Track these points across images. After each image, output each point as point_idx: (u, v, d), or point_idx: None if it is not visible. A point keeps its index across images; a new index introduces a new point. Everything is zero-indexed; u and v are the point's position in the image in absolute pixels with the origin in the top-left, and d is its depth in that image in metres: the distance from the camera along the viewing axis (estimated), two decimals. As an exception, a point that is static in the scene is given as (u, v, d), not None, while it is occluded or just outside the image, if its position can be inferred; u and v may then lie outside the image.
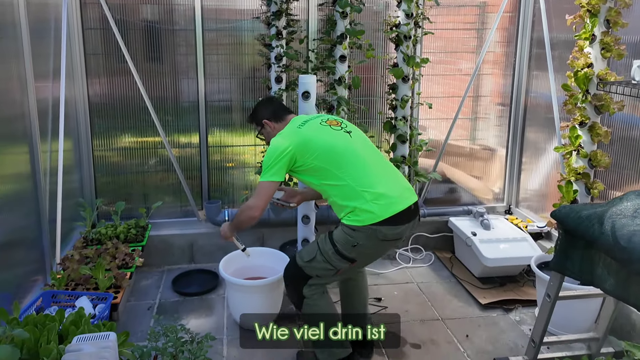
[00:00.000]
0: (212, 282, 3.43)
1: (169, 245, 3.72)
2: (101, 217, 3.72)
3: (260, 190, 2.37)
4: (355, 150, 2.37)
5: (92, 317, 2.48)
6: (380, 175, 2.35)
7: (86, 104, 3.56)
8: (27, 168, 2.84)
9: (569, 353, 2.55)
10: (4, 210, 2.55)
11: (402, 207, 2.29)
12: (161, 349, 2.18)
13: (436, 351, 2.75)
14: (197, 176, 3.87)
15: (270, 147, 2.40)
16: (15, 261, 2.68)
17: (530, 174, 4.03)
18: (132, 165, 3.76)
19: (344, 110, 3.48)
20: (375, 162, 2.41)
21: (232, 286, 2.81)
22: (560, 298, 2.31)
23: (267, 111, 2.63)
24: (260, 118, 2.64)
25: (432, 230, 4.02)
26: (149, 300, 3.24)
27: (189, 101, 3.72)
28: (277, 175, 2.34)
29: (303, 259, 2.39)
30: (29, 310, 2.49)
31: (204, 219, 3.84)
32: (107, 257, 3.06)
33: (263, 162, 2.39)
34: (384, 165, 2.46)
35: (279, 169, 2.34)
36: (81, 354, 1.63)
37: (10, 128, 2.67)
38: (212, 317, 3.05)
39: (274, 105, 2.69)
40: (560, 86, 3.08)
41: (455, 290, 3.43)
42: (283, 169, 2.35)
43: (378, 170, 2.38)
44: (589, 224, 1.93)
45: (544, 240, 3.72)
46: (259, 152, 3.83)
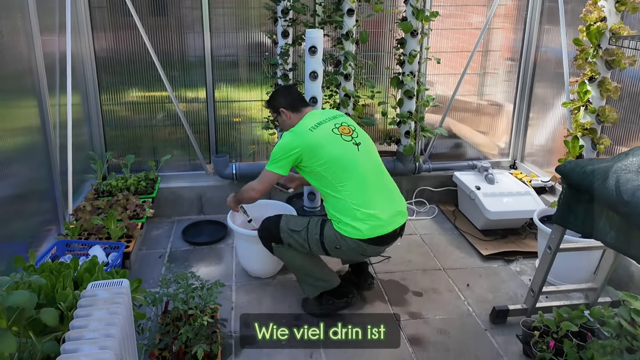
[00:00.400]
0: (221, 232, 3.52)
1: (179, 197, 3.79)
2: (111, 169, 3.79)
3: (263, 176, 2.53)
4: (359, 167, 2.43)
5: (105, 265, 2.57)
6: (376, 195, 2.44)
7: (93, 59, 3.56)
8: (37, 121, 2.88)
9: (567, 302, 2.63)
10: (16, 162, 2.60)
11: (388, 231, 2.42)
12: (172, 295, 2.27)
13: (437, 299, 2.84)
14: (204, 131, 3.89)
15: (281, 141, 2.50)
16: (29, 212, 2.76)
17: (536, 130, 4.02)
18: (141, 119, 3.79)
19: (350, 65, 3.45)
20: (375, 181, 2.48)
21: (239, 236, 2.89)
22: (561, 250, 2.37)
23: (286, 100, 2.64)
24: (277, 106, 2.65)
25: (437, 185, 4.06)
26: (160, 249, 3.33)
27: (195, 56, 3.71)
28: (281, 169, 2.47)
29: (288, 225, 2.52)
30: (44, 259, 2.58)
31: (212, 172, 3.89)
32: (118, 208, 3.13)
33: (272, 152, 2.50)
34: (383, 184, 2.53)
35: (285, 165, 2.46)
36: (96, 299, 1.70)
37: (19, 82, 2.69)
38: (221, 265, 3.15)
39: (292, 95, 2.69)
40: (572, 41, 3.04)
41: (457, 241, 3.50)
42: (288, 165, 2.47)
43: (376, 190, 2.45)
44: (593, 179, 1.95)
45: (547, 195, 3.75)
46: (265, 107, 3.83)
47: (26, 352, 1.73)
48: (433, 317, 2.68)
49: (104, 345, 1.49)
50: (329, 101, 3.64)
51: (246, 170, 3.77)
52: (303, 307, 2.70)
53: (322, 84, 3.25)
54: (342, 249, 2.43)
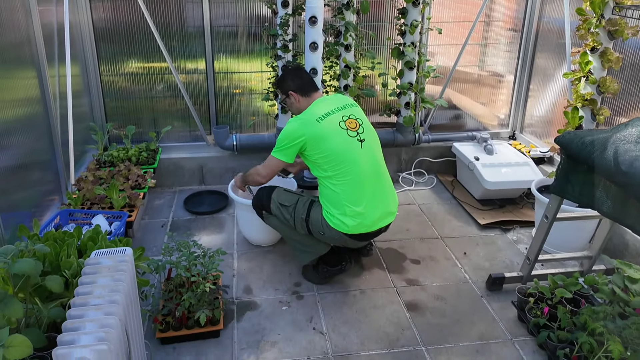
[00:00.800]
0: (223, 202, 3.56)
1: (180, 167, 3.82)
2: (112, 140, 3.80)
3: (269, 162, 2.57)
4: (358, 165, 2.44)
5: (108, 234, 2.61)
6: (370, 195, 2.46)
7: (91, 29, 3.53)
8: (37, 92, 2.88)
9: (562, 270, 2.68)
10: (18, 133, 2.62)
11: (372, 230, 2.48)
12: (175, 263, 2.32)
13: (435, 266, 2.89)
14: (204, 102, 3.89)
15: (286, 127, 2.50)
16: (32, 182, 2.79)
17: (536, 101, 4.01)
18: (141, 90, 3.78)
19: (351, 36, 3.43)
20: (372, 180, 2.49)
21: (240, 206, 2.92)
22: (558, 219, 2.40)
23: (295, 83, 2.62)
24: (287, 88, 2.63)
25: (436, 155, 4.07)
26: (162, 218, 3.37)
27: (194, 26, 3.67)
28: (287, 157, 2.50)
29: (278, 199, 2.57)
30: (48, 228, 2.62)
31: (212, 143, 3.91)
32: (120, 179, 3.16)
33: (278, 137, 2.51)
34: (379, 184, 2.53)
35: (290, 153, 2.49)
36: (100, 266, 1.73)
37: (18, 52, 2.68)
38: (223, 234, 3.19)
39: (303, 79, 2.65)
40: (575, 10, 3.01)
41: (455, 211, 3.54)
42: (293, 153, 2.50)
43: (370, 190, 2.47)
44: (592, 149, 1.97)
45: (546, 165, 3.77)
46: (265, 78, 3.82)
47: (33, 318, 1.78)
48: (430, 284, 2.73)
49: (109, 311, 1.52)
50: (329, 72, 3.62)
51: (246, 142, 3.78)
52: (303, 275, 2.75)
53: (322, 55, 3.24)
54: (325, 235, 2.50)
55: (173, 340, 2.24)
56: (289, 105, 2.68)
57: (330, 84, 3.64)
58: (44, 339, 1.66)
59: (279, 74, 3.46)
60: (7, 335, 1.39)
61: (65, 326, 1.45)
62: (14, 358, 1.36)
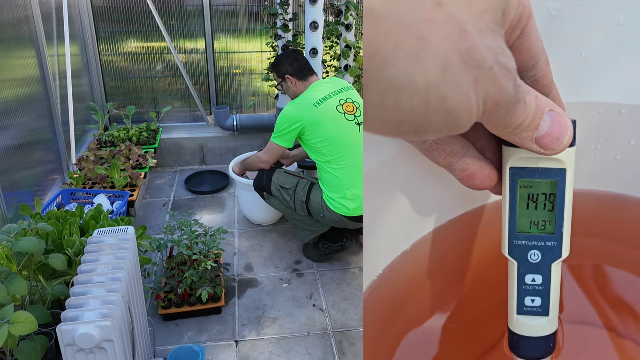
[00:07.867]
0: (223, 181, 3.58)
1: (180, 147, 3.83)
2: (112, 120, 3.81)
3: (269, 148, 2.58)
4: (357, 148, 2.44)
5: (110, 213, 2.63)
6: None
7: (89, 7, 3.51)
8: (36, 71, 2.87)
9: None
10: (18, 112, 2.62)
11: None
12: (177, 241, 2.34)
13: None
14: (204, 82, 3.88)
15: (283, 112, 2.49)
16: (33, 161, 2.81)
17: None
18: (140, 70, 3.77)
19: (352, 15, 3.40)
20: None
21: (241, 185, 2.94)
22: None
23: (292, 67, 2.59)
24: (283, 72, 2.60)
25: (437, 136, 4.07)
26: (164, 197, 3.40)
27: (193, 5, 3.65)
28: (286, 142, 2.51)
29: (279, 181, 2.58)
30: (50, 207, 2.64)
31: (213, 123, 3.91)
32: (121, 158, 3.17)
33: (276, 122, 2.51)
34: None
35: (289, 138, 2.49)
36: (102, 244, 1.74)
37: (16, 31, 2.67)
38: (224, 213, 3.22)
39: (299, 62, 2.62)
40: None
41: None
42: (292, 138, 2.50)
43: None
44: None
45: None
46: (265, 58, 3.81)
47: (37, 295, 1.81)
48: (429, 263, 2.76)
49: (112, 288, 1.55)
50: (329, 52, 3.61)
51: (247, 122, 3.79)
52: (303, 252, 2.79)
53: (322, 35, 3.22)
54: (325, 217, 2.51)
55: (175, 316, 2.28)
56: (285, 89, 2.67)
57: (330, 64, 3.63)
58: (48, 315, 1.69)
59: (279, 53, 3.45)
60: (12, 311, 1.42)
61: (69, 303, 1.47)
62: (19, 334, 1.39)
